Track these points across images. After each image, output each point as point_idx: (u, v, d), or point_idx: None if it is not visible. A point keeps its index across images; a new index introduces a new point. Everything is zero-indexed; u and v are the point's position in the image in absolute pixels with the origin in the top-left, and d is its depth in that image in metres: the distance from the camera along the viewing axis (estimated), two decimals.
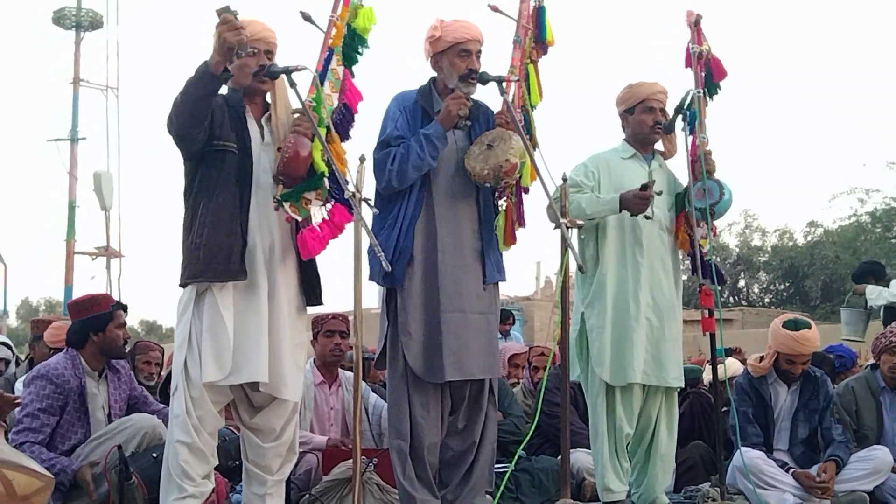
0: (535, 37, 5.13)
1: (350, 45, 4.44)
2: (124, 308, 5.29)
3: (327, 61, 4.35)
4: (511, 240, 4.84)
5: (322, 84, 4.31)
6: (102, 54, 24.04)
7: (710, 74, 5.66)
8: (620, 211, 5.07)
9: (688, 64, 5.65)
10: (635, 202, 5.01)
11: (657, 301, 5.21)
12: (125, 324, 5.24)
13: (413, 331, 4.57)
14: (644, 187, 5.00)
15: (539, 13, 5.16)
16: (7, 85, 79.49)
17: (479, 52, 4.71)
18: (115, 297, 5.54)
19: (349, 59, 4.44)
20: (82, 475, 4.72)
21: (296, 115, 4.22)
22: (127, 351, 5.47)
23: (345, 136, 4.42)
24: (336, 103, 4.37)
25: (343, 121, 4.40)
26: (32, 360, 6.68)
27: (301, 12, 4.36)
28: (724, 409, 6.08)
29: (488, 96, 4.87)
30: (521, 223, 4.86)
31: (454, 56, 4.66)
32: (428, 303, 4.59)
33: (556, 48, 5.21)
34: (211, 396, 4.08)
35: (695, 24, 5.63)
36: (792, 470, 5.69)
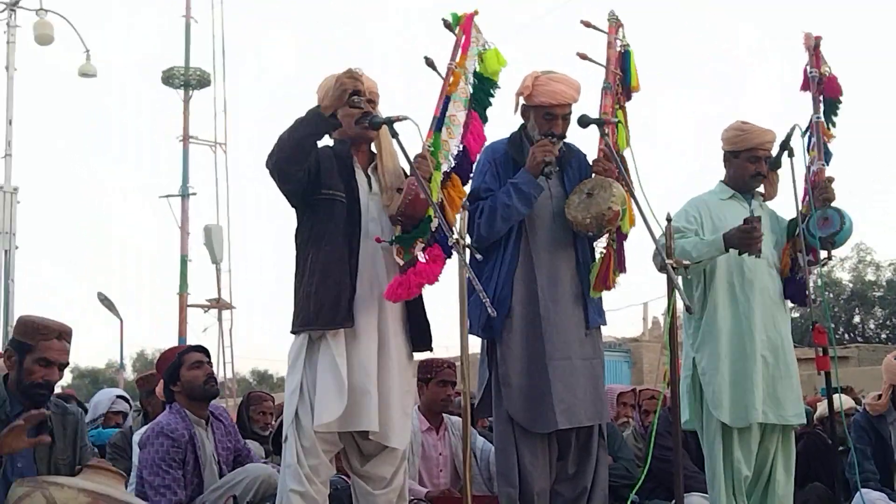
0: (620, 81, 5.10)
1: (480, 89, 4.47)
2: (198, 349, 5.33)
3: (445, 107, 4.40)
4: (602, 285, 4.78)
5: (440, 130, 4.36)
6: (210, 111, 24.49)
7: (825, 94, 5.51)
8: (727, 250, 4.98)
9: (805, 87, 5.54)
10: (740, 237, 4.89)
11: (771, 338, 5.12)
12: (203, 362, 5.23)
13: (513, 382, 4.58)
14: (747, 221, 4.89)
15: (624, 58, 5.11)
16: (121, 144, 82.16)
17: (568, 114, 4.71)
18: (207, 346, 5.58)
19: (480, 103, 4.47)
20: None
21: (416, 158, 4.19)
22: (241, 401, 5.51)
23: (464, 180, 4.47)
24: (454, 149, 4.40)
25: (461, 166, 4.44)
26: (147, 413, 6.81)
27: (425, 58, 4.45)
28: (841, 448, 5.93)
29: (581, 139, 4.90)
30: (623, 269, 4.82)
31: (540, 116, 4.69)
32: (531, 352, 4.58)
33: (642, 93, 5.18)
34: (322, 445, 4.11)
35: (814, 48, 5.52)
36: None
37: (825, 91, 5.51)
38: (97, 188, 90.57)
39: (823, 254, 5.23)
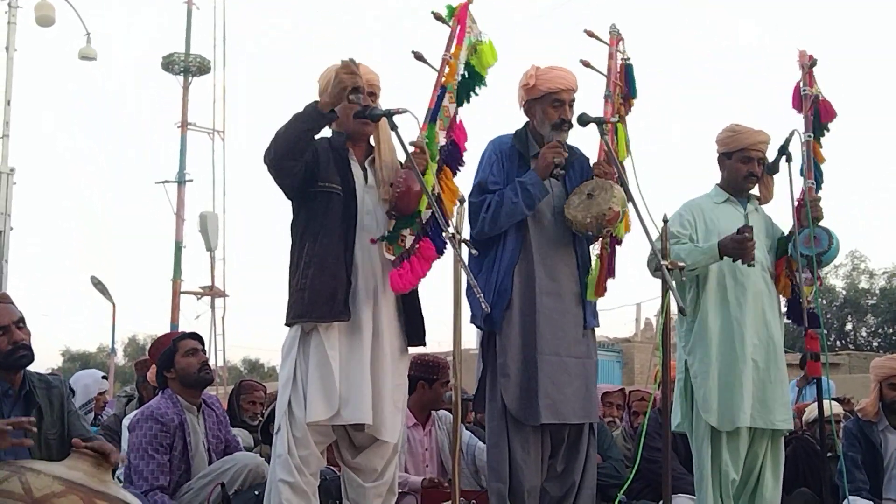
0: (623, 93, 5.12)
1: (466, 83, 4.46)
2: (193, 336, 5.35)
3: (440, 99, 4.39)
4: (601, 291, 4.84)
5: (434, 121, 4.36)
6: (209, 98, 24.43)
7: (818, 115, 5.51)
8: (721, 258, 4.98)
9: (795, 104, 5.56)
10: (733, 246, 4.92)
11: (762, 341, 5.12)
12: (198, 350, 5.27)
13: (511, 373, 4.58)
14: (740, 231, 4.91)
15: (627, 70, 5.15)
16: (119, 129, 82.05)
17: (573, 100, 4.74)
18: (200, 333, 5.57)
19: (462, 98, 4.46)
20: None
21: (410, 151, 4.18)
22: (232, 389, 5.51)
23: (454, 172, 4.46)
24: (443, 141, 4.39)
25: (451, 157, 4.43)
26: (142, 398, 6.81)
27: (413, 52, 4.45)
28: (830, 454, 5.94)
29: (582, 141, 4.92)
30: (612, 274, 4.85)
31: (548, 105, 4.71)
32: (525, 345, 4.60)
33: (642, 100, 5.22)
34: (314, 437, 4.11)
35: (809, 67, 5.53)
36: None
37: (820, 115, 5.52)
38: (94, 171, 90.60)
39: (806, 278, 5.25)
